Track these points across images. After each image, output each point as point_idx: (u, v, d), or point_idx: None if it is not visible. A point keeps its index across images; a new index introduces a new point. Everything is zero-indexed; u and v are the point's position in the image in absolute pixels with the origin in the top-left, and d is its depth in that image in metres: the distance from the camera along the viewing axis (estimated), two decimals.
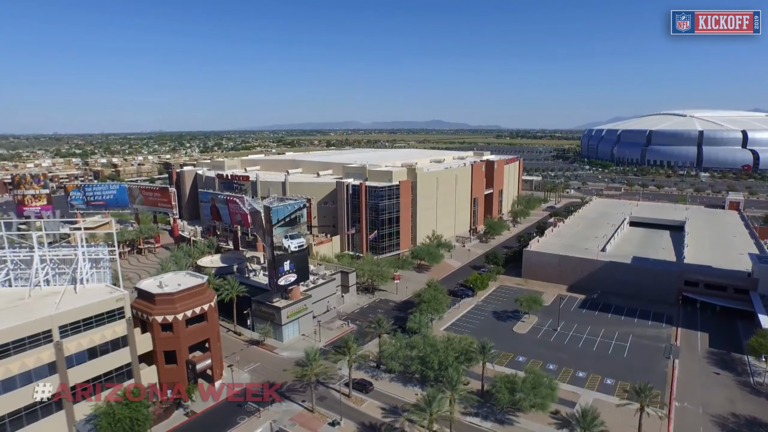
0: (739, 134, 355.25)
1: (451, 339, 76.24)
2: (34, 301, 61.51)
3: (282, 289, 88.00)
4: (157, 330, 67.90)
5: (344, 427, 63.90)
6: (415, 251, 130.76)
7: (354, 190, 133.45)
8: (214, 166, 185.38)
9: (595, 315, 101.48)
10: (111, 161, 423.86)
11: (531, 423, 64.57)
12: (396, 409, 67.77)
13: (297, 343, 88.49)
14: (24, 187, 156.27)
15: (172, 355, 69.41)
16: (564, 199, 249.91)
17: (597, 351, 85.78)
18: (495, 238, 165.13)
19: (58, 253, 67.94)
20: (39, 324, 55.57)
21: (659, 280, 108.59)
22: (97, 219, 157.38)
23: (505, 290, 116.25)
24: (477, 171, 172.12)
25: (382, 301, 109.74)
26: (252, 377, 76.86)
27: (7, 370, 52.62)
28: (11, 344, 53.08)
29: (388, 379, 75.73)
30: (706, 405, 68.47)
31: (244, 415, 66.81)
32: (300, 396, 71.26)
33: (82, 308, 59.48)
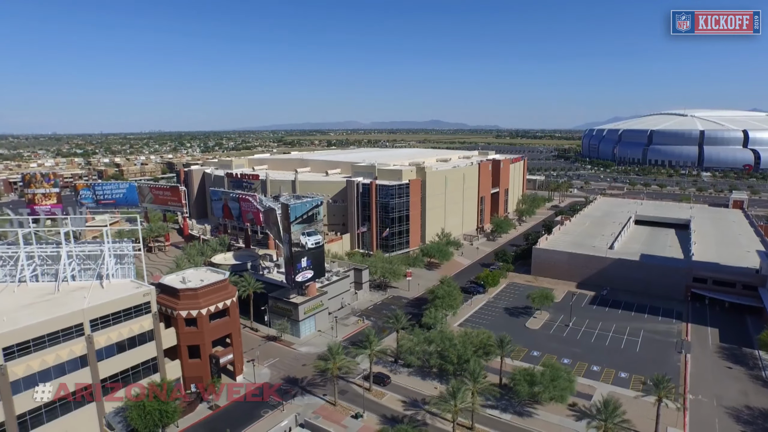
0: (740, 134, 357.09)
1: (468, 334, 77.57)
2: (63, 296, 62.65)
3: (299, 285, 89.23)
4: (181, 325, 69.12)
5: (367, 419, 65.12)
6: (425, 249, 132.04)
7: (364, 188, 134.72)
8: (222, 165, 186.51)
9: (606, 311, 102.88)
10: (113, 161, 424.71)
11: (549, 415, 65.90)
12: (416, 402, 69.11)
13: (314, 338, 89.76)
14: (35, 185, 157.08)
15: (196, 350, 70.59)
16: (567, 199, 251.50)
17: (609, 346, 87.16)
18: (502, 236, 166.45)
19: (84, 249, 69.04)
20: (71, 317, 56.75)
21: (668, 276, 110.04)
22: (105, 218, 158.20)
23: (515, 287, 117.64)
24: (484, 170, 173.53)
25: (395, 297, 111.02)
26: (272, 372, 78.09)
27: (43, 362, 53.82)
28: (46, 336, 54.26)
29: (407, 373, 77.01)
30: (720, 398, 69.87)
31: (267, 408, 67.96)
32: (320, 390, 72.52)
33: (111, 302, 60.65)
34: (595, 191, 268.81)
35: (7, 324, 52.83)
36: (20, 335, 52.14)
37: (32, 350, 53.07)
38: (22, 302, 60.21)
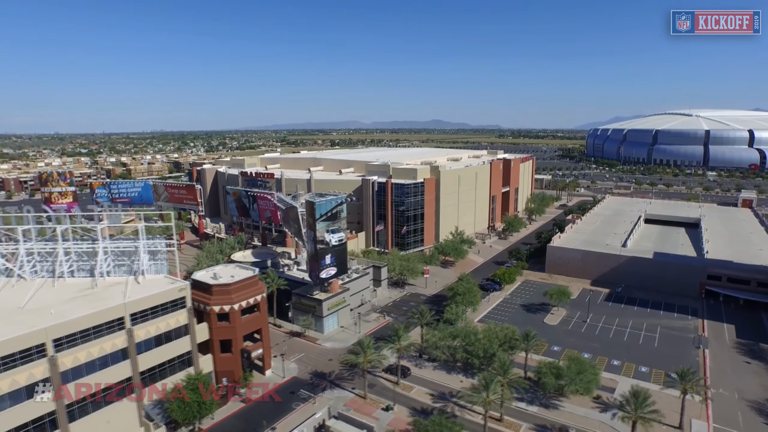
0: (746, 133, 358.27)
1: (492, 328, 79.17)
2: (101, 291, 64.26)
3: (323, 281, 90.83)
4: (213, 319, 70.69)
5: (397, 411, 66.75)
6: (439, 247, 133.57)
7: (380, 187, 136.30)
8: (235, 164, 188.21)
9: (621, 308, 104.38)
10: (120, 160, 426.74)
11: (575, 407, 67.49)
12: (444, 395, 70.74)
13: (337, 334, 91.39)
14: (51, 184, 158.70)
15: (228, 344, 72.17)
16: (575, 198, 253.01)
17: (628, 341, 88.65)
18: (513, 234, 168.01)
19: (119, 245, 70.68)
20: (114, 311, 58.33)
21: (682, 274, 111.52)
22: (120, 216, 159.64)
23: (530, 284, 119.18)
24: (495, 169, 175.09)
25: (413, 294, 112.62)
26: (299, 367, 79.69)
27: (89, 354, 55.46)
28: (91, 329, 55.91)
29: (431, 367, 78.63)
30: (741, 391, 71.37)
31: (298, 401, 69.63)
32: (348, 384, 74.15)
33: (150, 297, 62.27)
34: (602, 190, 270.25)
35: (55, 317, 54.56)
36: (68, 327, 53.78)
37: (79, 342, 54.74)
38: (63, 297, 61.81)
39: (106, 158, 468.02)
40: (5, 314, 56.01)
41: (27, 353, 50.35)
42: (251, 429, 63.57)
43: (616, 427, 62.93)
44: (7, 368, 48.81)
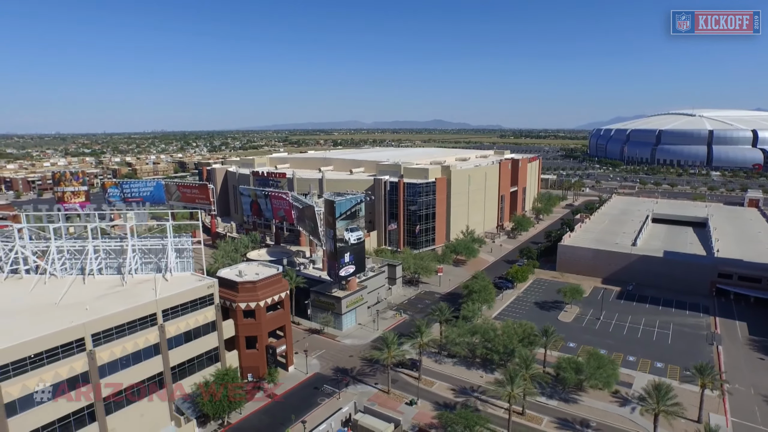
0: (749, 133, 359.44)
1: (510, 325, 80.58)
2: (131, 288, 65.65)
3: (341, 279, 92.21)
4: (239, 316, 72.13)
5: (421, 406, 68.16)
6: (451, 246, 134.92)
7: (392, 186, 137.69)
8: (244, 163, 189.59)
9: (634, 305, 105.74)
10: (125, 160, 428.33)
11: (594, 401, 68.89)
12: (465, 390, 72.16)
13: (355, 331, 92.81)
14: (64, 184, 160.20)
15: (253, 341, 73.59)
16: (581, 197, 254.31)
17: (642, 338, 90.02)
18: (522, 234, 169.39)
19: (147, 243, 72.07)
20: (147, 307, 59.74)
21: (692, 272, 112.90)
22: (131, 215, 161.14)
23: (542, 283, 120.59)
24: (504, 169, 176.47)
25: (427, 293, 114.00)
26: (321, 363, 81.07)
27: (123, 349, 56.84)
28: (126, 325, 57.33)
29: (451, 363, 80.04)
30: (756, 387, 72.73)
31: (323, 396, 71.04)
32: (371, 379, 75.57)
33: (180, 294, 63.69)
34: (607, 190, 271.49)
35: (91, 313, 55.97)
36: (105, 323, 55.17)
37: (115, 337, 56.16)
38: (95, 294, 63.24)
39: (111, 158, 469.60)
40: (42, 310, 57.50)
41: (68, 347, 51.80)
42: (278, 423, 64.91)
43: (636, 421, 64.37)
44: (50, 361, 50.26)
